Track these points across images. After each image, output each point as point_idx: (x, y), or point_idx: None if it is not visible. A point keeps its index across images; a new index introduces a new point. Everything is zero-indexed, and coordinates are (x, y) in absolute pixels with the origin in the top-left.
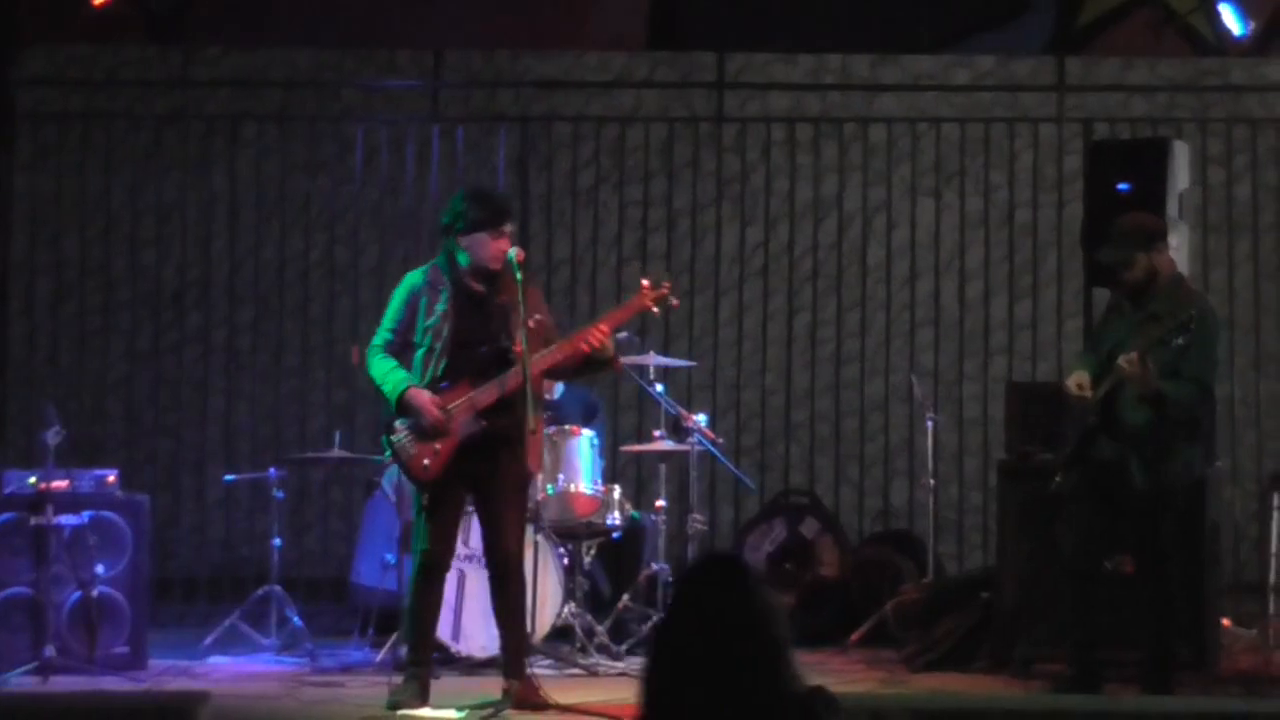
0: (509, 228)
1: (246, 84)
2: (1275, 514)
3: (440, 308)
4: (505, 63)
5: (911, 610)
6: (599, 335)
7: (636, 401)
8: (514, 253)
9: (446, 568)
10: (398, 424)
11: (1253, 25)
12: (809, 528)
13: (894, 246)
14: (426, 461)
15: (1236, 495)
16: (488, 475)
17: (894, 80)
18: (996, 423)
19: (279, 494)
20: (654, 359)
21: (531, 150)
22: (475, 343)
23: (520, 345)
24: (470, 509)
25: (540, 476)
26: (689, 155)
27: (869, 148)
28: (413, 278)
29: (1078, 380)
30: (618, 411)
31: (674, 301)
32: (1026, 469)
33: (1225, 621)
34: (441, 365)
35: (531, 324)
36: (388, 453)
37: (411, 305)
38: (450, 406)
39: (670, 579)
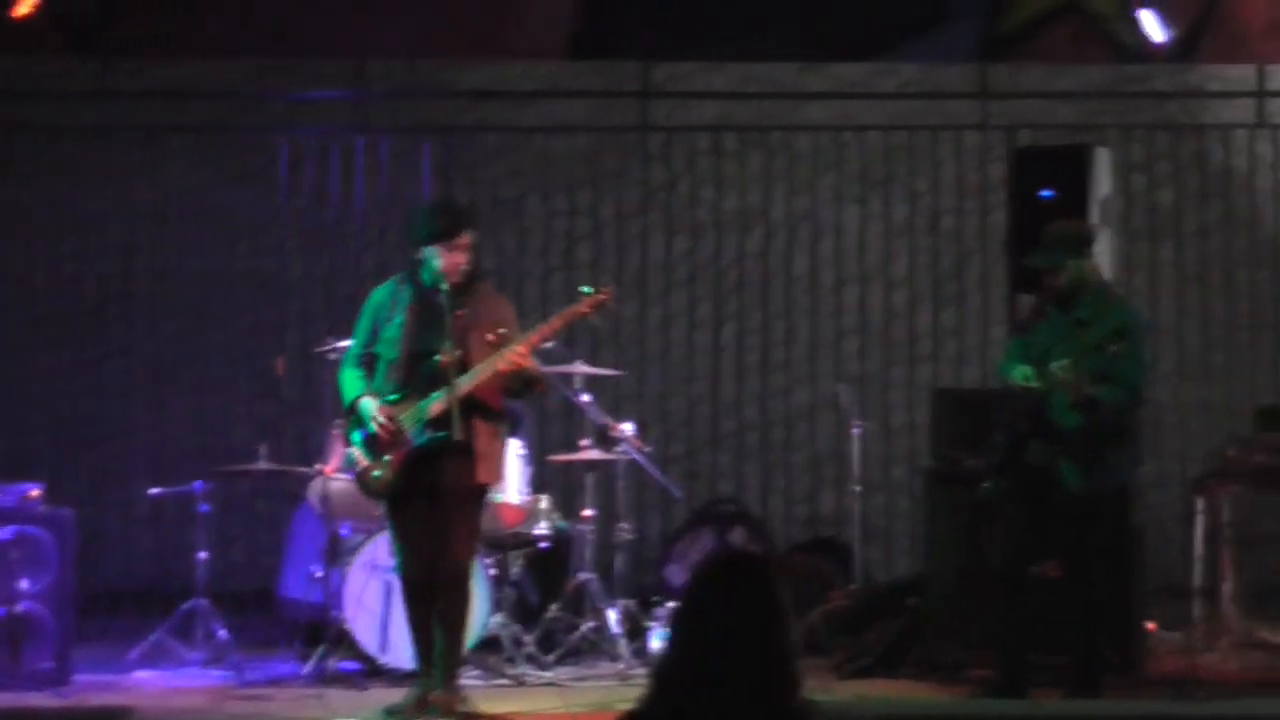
0: (465, 239)
1: (170, 95)
2: (1199, 518)
3: (399, 319)
4: (430, 73)
5: (840, 617)
6: (515, 359)
7: (564, 411)
8: (438, 266)
9: (427, 582)
10: (353, 436)
11: (1173, 32)
12: (737, 536)
13: (820, 255)
14: (377, 473)
15: (1162, 499)
16: (439, 486)
17: (820, 88)
18: (923, 429)
19: (205, 507)
20: (581, 368)
21: (457, 161)
22: (431, 354)
23: (448, 357)
24: None
25: None
26: (615, 165)
27: (795, 156)
28: (379, 290)
29: (1025, 374)
30: (545, 421)
31: (611, 307)
32: (953, 475)
33: (1151, 625)
34: (399, 376)
35: (492, 338)
36: (346, 464)
37: (376, 317)
38: (403, 417)
39: (602, 589)
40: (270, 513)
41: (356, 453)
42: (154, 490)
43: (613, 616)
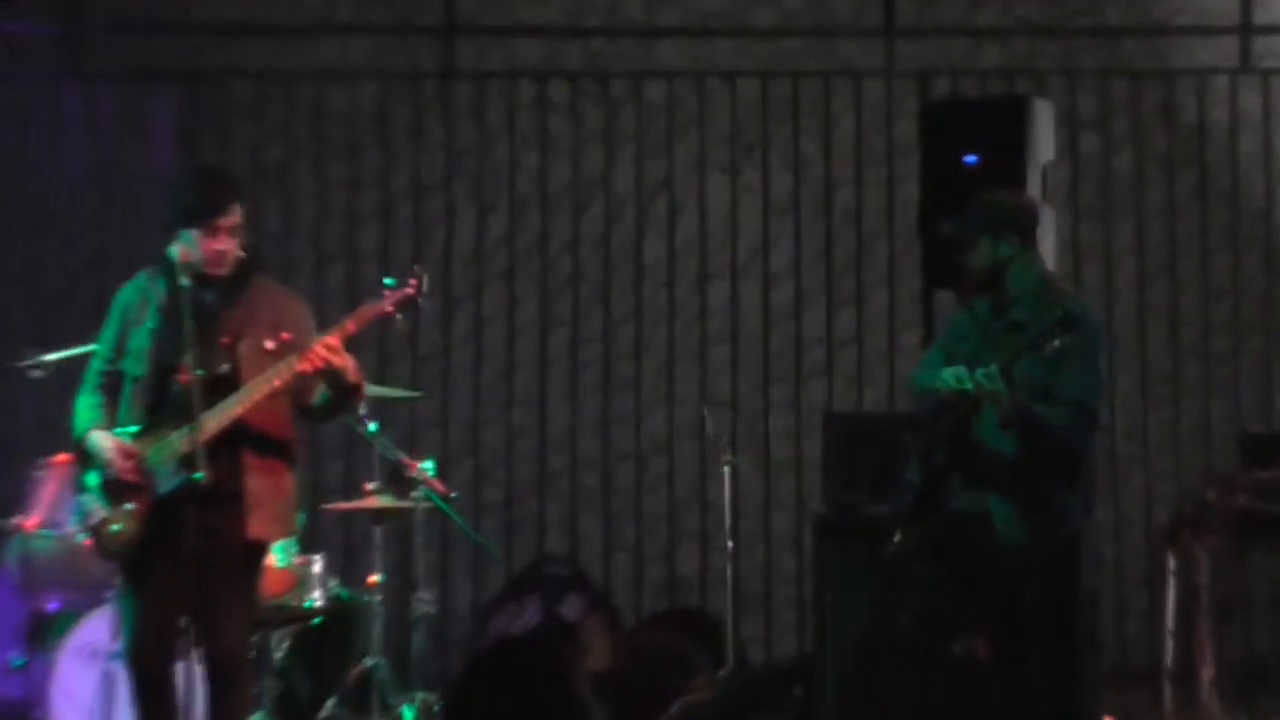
0: (229, 219)
1: None
2: (1170, 579)
3: (149, 325)
4: (163, 3)
5: (706, 713)
6: (322, 354)
7: (343, 444)
8: (175, 251)
9: (164, 668)
10: (88, 479)
11: None
12: (571, 607)
13: (678, 240)
14: (116, 526)
15: (1122, 555)
16: (197, 544)
17: (675, 22)
18: (812, 465)
19: None
20: (367, 389)
21: (202, 115)
22: (193, 368)
23: (188, 375)
24: None
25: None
26: (410, 122)
27: (645, 110)
28: (127, 288)
29: (956, 373)
30: (318, 457)
31: (421, 302)
32: (852, 525)
33: (1107, 719)
34: (147, 400)
35: (271, 345)
36: (77, 517)
37: (123, 323)
38: (149, 453)
39: (395, 677)
40: None
41: (91, 501)
42: None
43: (409, 715)
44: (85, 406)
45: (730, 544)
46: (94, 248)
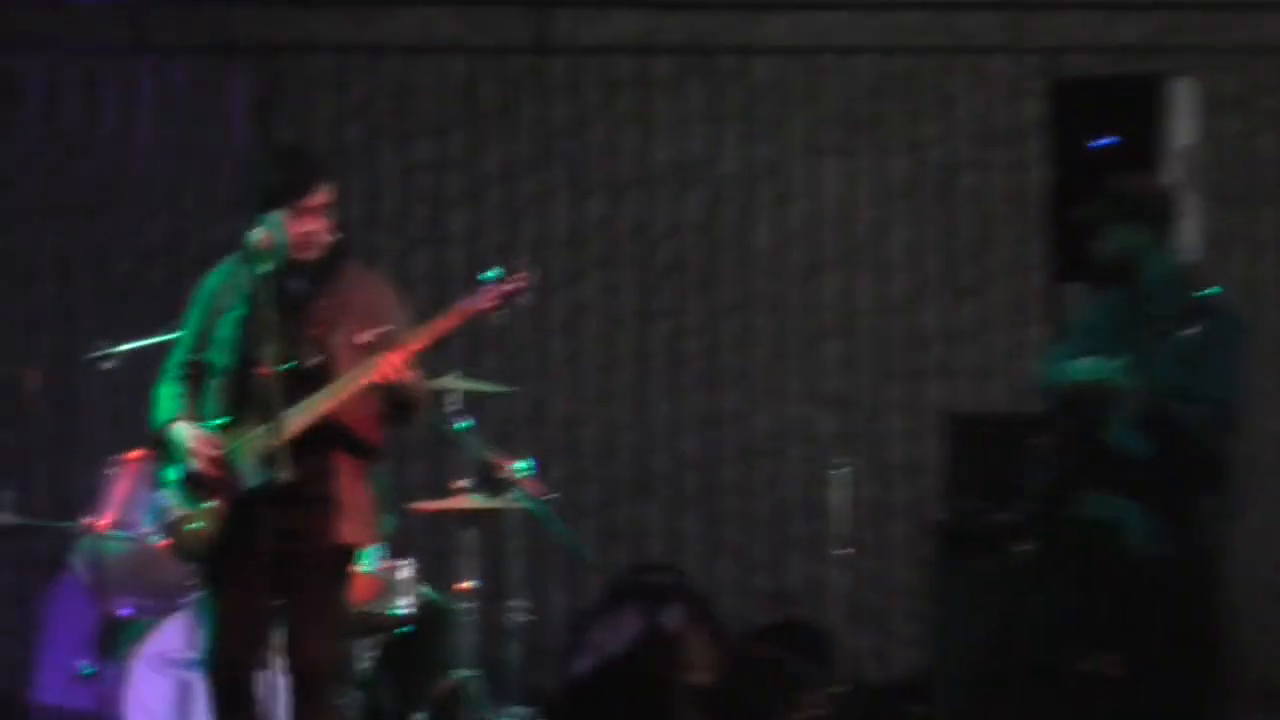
0: (319, 197)
1: None
2: None
3: (235, 314)
4: None
5: None
6: (387, 371)
7: (432, 442)
8: (256, 236)
9: (245, 680)
10: (168, 475)
11: None
12: (672, 617)
13: (788, 226)
14: (196, 524)
15: (1262, 566)
16: (283, 547)
17: None
18: (932, 470)
19: None
20: (456, 383)
21: (278, 92)
22: (276, 361)
23: (268, 369)
24: None
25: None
26: (500, 99)
27: (752, 88)
28: (212, 276)
29: (1087, 366)
30: (405, 456)
31: (523, 301)
32: (973, 533)
33: None
34: (232, 393)
35: (365, 338)
36: (154, 515)
37: (209, 312)
38: (233, 448)
39: (488, 691)
40: (15, 585)
41: (171, 498)
42: None
43: None
44: (166, 397)
45: (842, 552)
46: (165, 230)
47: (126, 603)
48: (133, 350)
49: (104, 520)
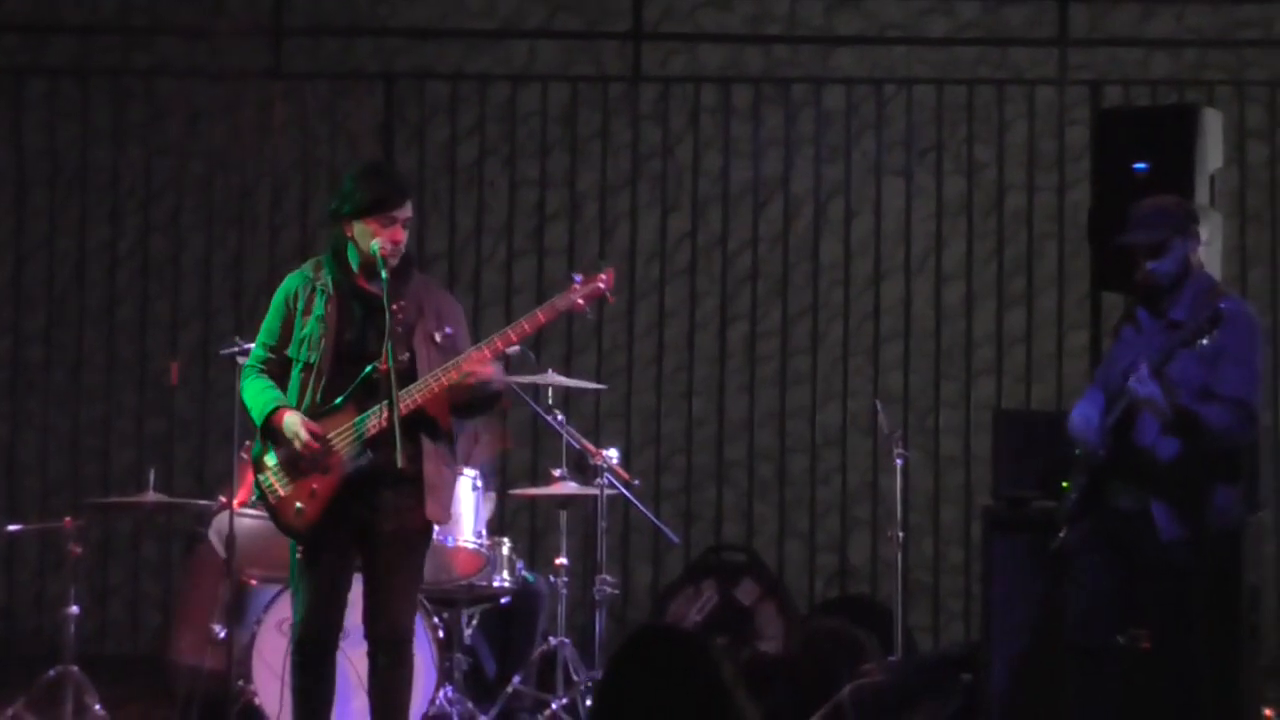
0: (403, 213)
1: (33, 30)
2: None
3: (318, 313)
4: (364, 5)
5: (875, 696)
6: (477, 366)
7: (531, 433)
8: (376, 245)
9: (331, 646)
10: (267, 459)
11: None
12: (746, 592)
13: (854, 239)
14: (300, 504)
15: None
16: (375, 525)
17: (854, 31)
18: (981, 460)
19: (77, 549)
20: (553, 379)
21: (398, 116)
22: (365, 357)
23: (386, 365)
24: None
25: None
26: (597, 123)
27: (823, 115)
28: (291, 278)
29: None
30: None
31: (610, 298)
32: (1019, 519)
33: (1268, 712)
34: (322, 385)
35: (439, 339)
36: (256, 494)
37: (286, 311)
38: (331, 435)
39: (578, 657)
40: (158, 556)
41: (272, 478)
42: (12, 527)
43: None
44: (258, 389)
45: (900, 534)
46: (295, 240)
47: (255, 573)
48: None
49: (238, 499)
